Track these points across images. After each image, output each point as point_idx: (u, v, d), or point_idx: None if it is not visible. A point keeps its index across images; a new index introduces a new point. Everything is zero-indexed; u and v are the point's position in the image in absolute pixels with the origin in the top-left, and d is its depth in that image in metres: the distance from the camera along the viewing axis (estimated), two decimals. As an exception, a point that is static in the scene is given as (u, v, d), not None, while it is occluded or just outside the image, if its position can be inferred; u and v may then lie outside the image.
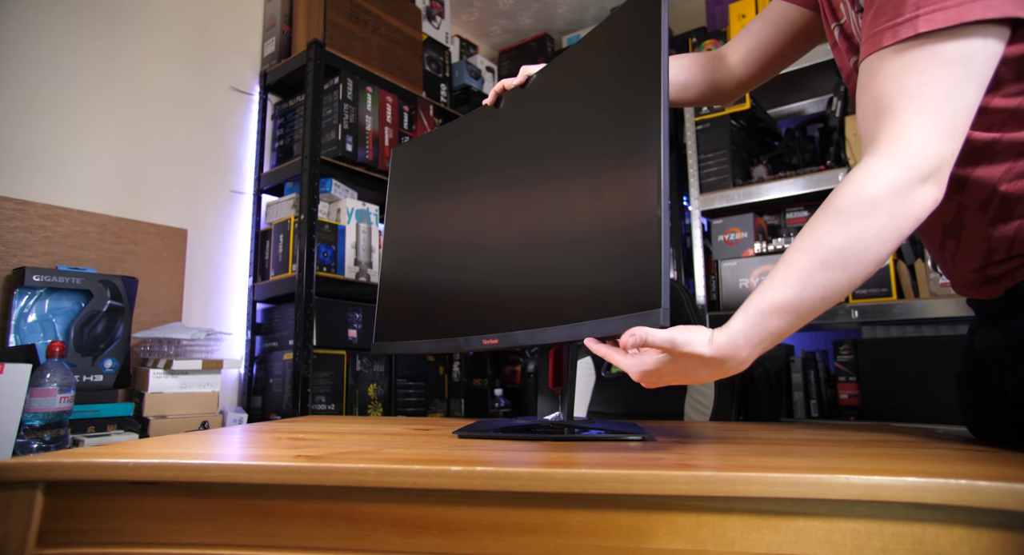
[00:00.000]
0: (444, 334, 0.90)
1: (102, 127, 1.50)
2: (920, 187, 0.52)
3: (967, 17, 0.51)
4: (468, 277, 0.89)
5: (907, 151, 0.53)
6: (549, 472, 0.44)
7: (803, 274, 0.54)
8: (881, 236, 0.53)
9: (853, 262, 0.53)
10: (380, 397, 1.75)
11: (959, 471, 0.42)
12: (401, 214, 1.07)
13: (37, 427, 1.04)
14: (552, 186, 0.78)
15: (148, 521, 0.48)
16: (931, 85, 0.53)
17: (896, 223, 0.53)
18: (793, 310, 0.54)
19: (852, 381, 1.67)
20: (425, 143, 1.07)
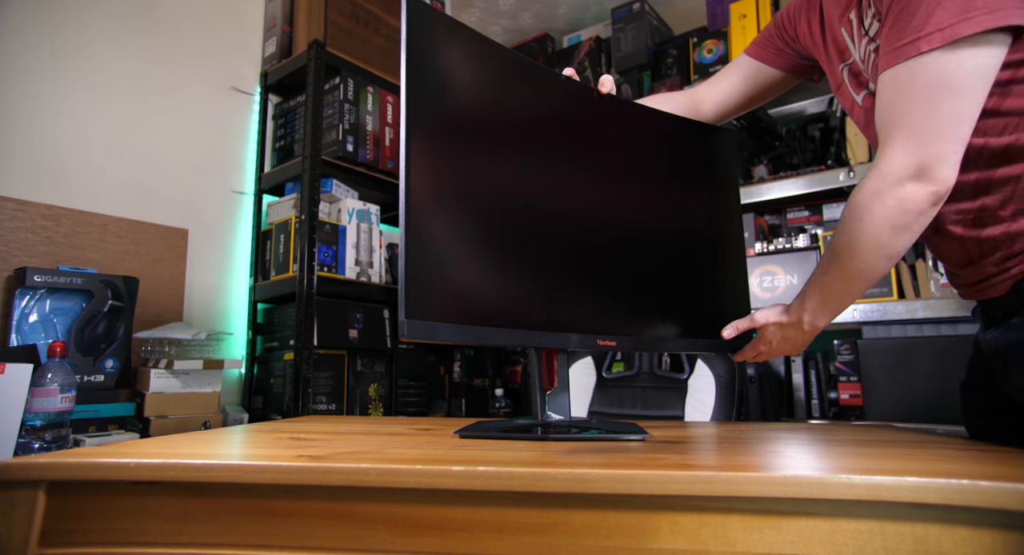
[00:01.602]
0: (531, 324, 0.72)
1: (103, 127, 1.50)
2: (904, 185, 0.63)
3: (959, 34, 0.58)
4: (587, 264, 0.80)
5: (887, 163, 0.64)
6: (551, 472, 0.44)
7: (825, 262, 0.75)
8: (870, 230, 0.66)
9: (851, 253, 0.70)
10: (381, 397, 1.75)
11: (961, 471, 0.42)
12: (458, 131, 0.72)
13: (38, 427, 1.04)
14: (677, 211, 0.93)
15: (150, 521, 0.48)
16: (917, 104, 0.61)
17: (880, 216, 0.65)
18: (825, 288, 0.76)
19: (853, 381, 1.67)
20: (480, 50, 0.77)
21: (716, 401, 1.24)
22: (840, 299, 0.76)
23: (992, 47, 0.59)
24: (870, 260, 0.69)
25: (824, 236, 1.65)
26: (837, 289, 0.74)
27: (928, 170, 0.62)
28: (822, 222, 1.75)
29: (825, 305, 0.77)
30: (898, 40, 0.63)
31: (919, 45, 0.60)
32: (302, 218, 1.58)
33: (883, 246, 0.67)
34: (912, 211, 0.64)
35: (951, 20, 0.58)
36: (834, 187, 1.64)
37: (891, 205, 0.64)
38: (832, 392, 1.72)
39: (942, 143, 0.61)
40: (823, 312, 0.77)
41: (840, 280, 0.73)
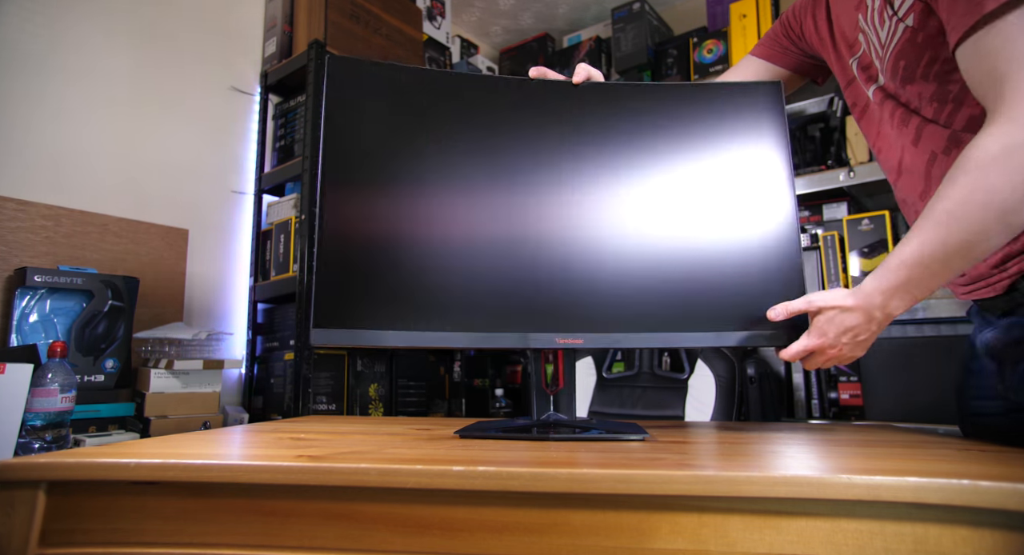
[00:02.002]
0: (487, 327, 0.75)
1: (103, 127, 1.50)
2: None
3: None
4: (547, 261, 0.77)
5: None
6: (551, 472, 0.44)
7: (921, 232, 0.61)
8: (996, 190, 0.56)
9: (965, 216, 0.58)
10: (381, 397, 1.75)
11: (961, 471, 0.42)
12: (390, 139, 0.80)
13: (39, 427, 1.04)
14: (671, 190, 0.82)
15: (150, 521, 0.48)
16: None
17: (1014, 177, 0.56)
18: (917, 262, 0.62)
19: (853, 381, 1.67)
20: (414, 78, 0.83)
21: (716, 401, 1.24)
22: (932, 278, 0.62)
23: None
24: (990, 228, 0.57)
25: (824, 236, 1.64)
26: (933, 265, 0.61)
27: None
28: (822, 222, 1.75)
29: (910, 285, 0.63)
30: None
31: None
32: (302, 218, 1.58)
33: (1008, 212, 0.57)
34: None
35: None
36: (834, 187, 1.64)
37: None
38: (832, 392, 1.72)
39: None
40: (904, 294, 0.64)
41: (941, 254, 0.60)
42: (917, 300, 0.65)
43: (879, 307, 0.65)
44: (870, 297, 0.65)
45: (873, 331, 0.67)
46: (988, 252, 0.60)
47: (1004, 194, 0.56)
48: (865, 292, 0.65)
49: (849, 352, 0.68)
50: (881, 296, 0.64)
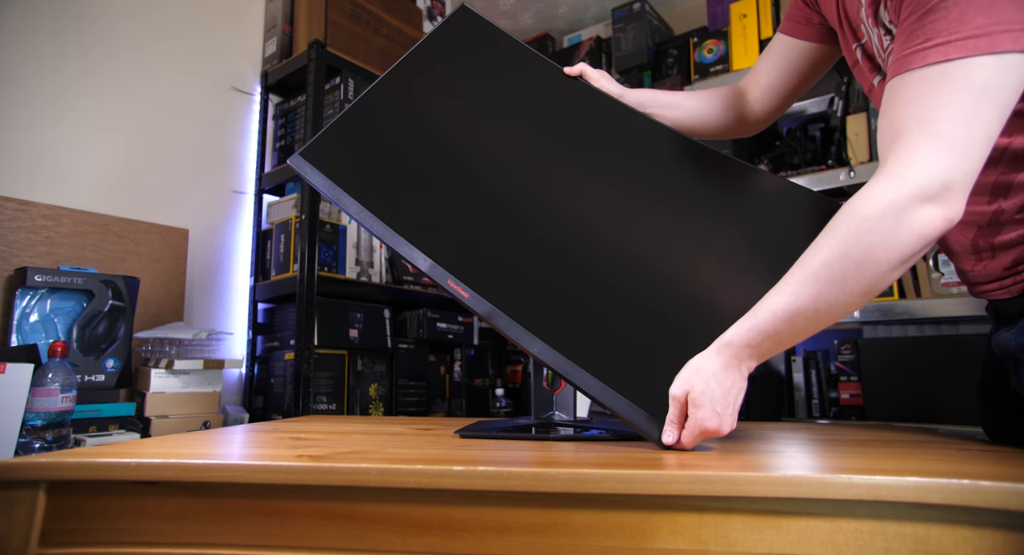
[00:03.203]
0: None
1: (104, 127, 1.50)
2: (922, 207, 0.53)
3: (996, 48, 0.52)
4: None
5: (911, 172, 0.54)
6: (551, 472, 0.44)
7: (795, 285, 0.57)
8: (873, 253, 0.54)
9: (842, 277, 0.55)
10: (381, 397, 1.75)
11: (962, 471, 0.42)
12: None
13: (39, 427, 1.04)
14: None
15: (150, 521, 0.48)
16: (946, 110, 0.53)
17: (891, 241, 0.54)
18: (786, 317, 0.57)
19: (854, 381, 1.67)
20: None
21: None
22: (794, 337, 0.58)
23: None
24: (854, 292, 0.55)
25: (825, 236, 1.64)
26: (800, 323, 0.57)
27: (951, 191, 0.53)
28: (823, 222, 1.75)
29: (777, 347, 0.59)
30: (928, 40, 0.55)
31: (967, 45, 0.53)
32: (303, 218, 1.58)
33: (876, 277, 0.55)
34: (925, 238, 0.54)
35: (992, 28, 0.52)
36: (834, 187, 1.64)
37: (906, 229, 0.53)
38: (832, 392, 1.72)
39: (974, 161, 0.53)
40: (766, 355, 0.60)
41: (812, 312, 0.56)
42: (768, 357, 0.61)
43: (746, 359, 0.60)
44: (737, 352, 0.59)
45: (742, 386, 0.60)
46: (846, 314, 0.57)
47: (878, 255, 0.54)
48: (732, 347, 0.60)
49: (731, 422, 0.60)
50: (749, 351, 0.59)
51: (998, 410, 0.77)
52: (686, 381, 0.60)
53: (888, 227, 0.54)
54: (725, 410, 0.59)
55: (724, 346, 0.60)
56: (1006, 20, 0.52)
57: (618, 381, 0.63)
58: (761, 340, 0.59)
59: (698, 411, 0.59)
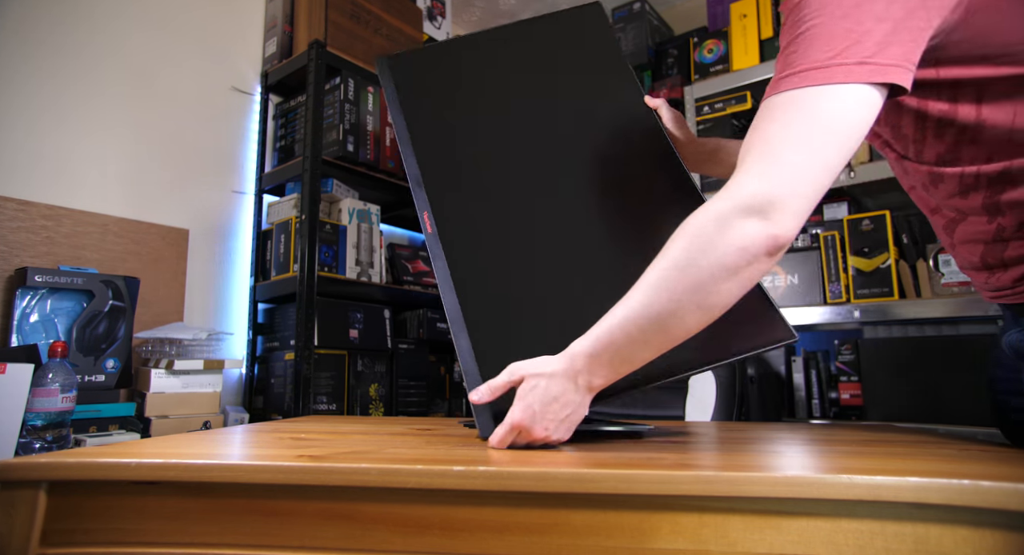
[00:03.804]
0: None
1: (104, 127, 1.50)
2: (745, 219, 0.54)
3: (831, 80, 0.54)
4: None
5: (739, 188, 0.55)
6: (551, 472, 0.44)
7: (633, 293, 0.58)
8: (696, 261, 0.55)
9: (671, 285, 0.56)
10: (381, 397, 1.75)
11: (962, 471, 0.42)
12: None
13: (39, 427, 1.04)
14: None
15: (150, 521, 0.48)
16: (784, 134, 0.55)
17: (712, 251, 0.55)
18: (620, 327, 0.58)
19: (854, 381, 1.67)
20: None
21: (717, 401, 1.24)
22: (632, 347, 0.58)
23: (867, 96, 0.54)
24: (684, 303, 0.55)
25: (825, 236, 1.65)
26: (634, 333, 0.57)
27: (776, 207, 0.53)
28: (822, 222, 1.75)
29: (612, 350, 0.58)
30: (780, 70, 0.58)
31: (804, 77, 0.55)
32: (303, 218, 1.58)
33: (702, 287, 0.55)
34: (748, 251, 0.54)
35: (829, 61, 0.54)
36: (834, 187, 1.64)
37: (727, 239, 0.54)
38: (833, 392, 1.72)
39: (807, 184, 0.54)
40: (607, 363, 0.59)
41: (644, 322, 0.56)
42: (619, 374, 0.60)
43: (581, 372, 0.59)
44: (574, 360, 0.59)
45: (578, 402, 0.60)
46: (687, 332, 0.57)
47: (701, 264, 0.55)
48: (571, 355, 0.60)
49: (555, 431, 0.59)
50: (585, 360, 0.59)
51: (1012, 407, 0.76)
52: (524, 368, 0.61)
53: (709, 237, 0.55)
54: (545, 415, 0.58)
55: (567, 354, 0.60)
56: (841, 54, 0.54)
57: (487, 357, 0.67)
58: (600, 350, 0.58)
59: (517, 405, 0.59)
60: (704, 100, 1.96)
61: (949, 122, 0.62)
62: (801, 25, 0.58)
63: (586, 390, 0.60)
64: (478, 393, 0.62)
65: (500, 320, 0.72)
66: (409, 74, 0.90)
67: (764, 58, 1.86)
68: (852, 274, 1.59)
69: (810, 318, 1.63)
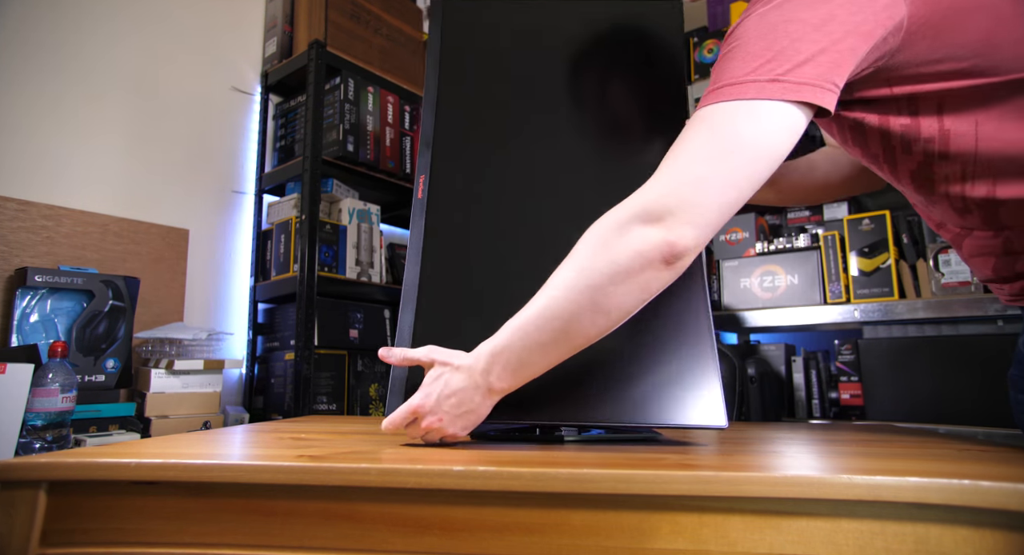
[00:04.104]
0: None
1: (104, 128, 1.50)
2: (642, 225, 0.55)
3: (742, 95, 0.54)
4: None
5: (641, 196, 0.56)
6: (551, 472, 0.44)
7: (537, 296, 0.58)
8: (593, 264, 0.55)
9: (570, 285, 0.56)
10: (381, 397, 1.75)
11: (962, 471, 0.42)
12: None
13: (39, 427, 1.04)
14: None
15: (150, 521, 0.48)
16: (691, 147, 0.56)
17: (608, 253, 0.55)
18: (520, 327, 0.58)
19: (854, 381, 1.67)
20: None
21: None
22: (531, 350, 0.57)
23: (786, 115, 0.54)
24: (582, 305, 0.55)
25: (825, 236, 1.65)
26: (533, 333, 0.57)
27: (674, 215, 0.54)
28: (823, 222, 1.75)
29: (511, 352, 0.57)
30: (712, 81, 0.59)
31: (721, 93, 0.56)
32: (303, 218, 1.58)
33: (596, 287, 0.55)
34: (642, 255, 0.54)
35: (743, 77, 0.55)
36: (835, 187, 1.63)
37: (622, 241, 0.55)
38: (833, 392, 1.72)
39: (707, 196, 0.54)
40: (506, 363, 0.58)
41: (543, 323, 0.56)
42: (521, 377, 0.58)
43: (482, 371, 0.58)
44: (477, 358, 0.59)
45: (477, 403, 0.59)
46: (584, 336, 0.57)
47: (599, 266, 0.55)
48: (476, 352, 0.60)
49: (449, 424, 0.59)
50: (486, 359, 0.58)
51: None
52: (438, 355, 0.61)
53: (605, 239, 0.56)
54: (441, 405, 0.59)
55: (476, 352, 0.60)
56: (755, 71, 0.55)
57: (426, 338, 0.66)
58: (499, 351, 0.58)
59: (420, 390, 0.60)
60: (704, 100, 1.96)
61: (914, 137, 0.62)
62: (727, 47, 0.59)
63: (487, 390, 0.59)
64: (390, 353, 0.64)
65: (452, 310, 0.69)
66: (462, 26, 0.82)
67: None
68: (852, 274, 1.59)
69: (810, 318, 1.63)
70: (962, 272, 1.44)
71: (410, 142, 1.92)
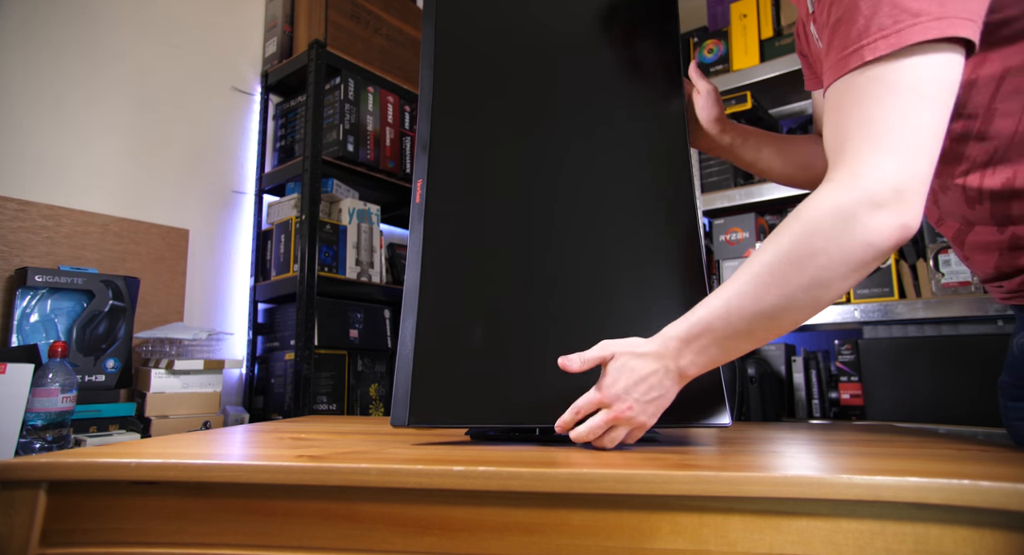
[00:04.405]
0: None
1: (104, 128, 1.50)
2: (873, 213, 0.51)
3: (906, 41, 0.51)
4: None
5: (859, 179, 0.52)
6: (551, 472, 0.44)
7: (736, 284, 0.55)
8: (817, 258, 0.52)
9: (782, 280, 0.53)
10: (381, 397, 1.75)
11: (962, 471, 0.42)
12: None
13: (39, 427, 1.04)
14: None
15: (150, 521, 0.48)
16: (881, 111, 0.52)
17: (837, 247, 0.52)
18: (722, 315, 0.55)
19: (854, 381, 1.67)
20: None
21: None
22: (733, 338, 0.56)
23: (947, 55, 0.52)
24: (799, 296, 0.53)
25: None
26: (738, 323, 0.55)
27: (904, 194, 0.51)
28: (823, 222, 1.75)
29: (709, 338, 0.56)
30: (845, 47, 0.55)
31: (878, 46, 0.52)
32: (303, 218, 1.58)
33: (823, 285, 0.52)
34: (877, 247, 0.51)
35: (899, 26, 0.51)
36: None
37: (857, 237, 0.51)
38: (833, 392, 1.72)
39: (923, 158, 0.51)
40: (702, 350, 0.57)
41: (750, 312, 0.54)
42: (715, 362, 0.57)
43: (673, 356, 0.57)
44: (666, 342, 0.57)
45: (667, 387, 0.57)
46: (795, 324, 0.55)
47: (821, 261, 0.52)
48: (663, 337, 0.58)
49: (640, 412, 0.57)
50: (677, 343, 0.57)
51: (1017, 410, 0.76)
52: (616, 346, 0.59)
53: (835, 233, 0.52)
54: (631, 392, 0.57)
55: (660, 336, 0.58)
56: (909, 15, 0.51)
57: (425, 354, 0.66)
58: (695, 337, 0.56)
59: (603, 380, 0.58)
60: (704, 100, 1.96)
61: (961, 104, 0.59)
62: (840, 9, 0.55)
63: (676, 375, 0.58)
64: (569, 360, 0.60)
65: (454, 316, 0.68)
66: (457, 22, 0.79)
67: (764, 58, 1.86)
68: (852, 274, 1.59)
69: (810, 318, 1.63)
70: (962, 272, 1.44)
71: (410, 142, 1.92)
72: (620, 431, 0.58)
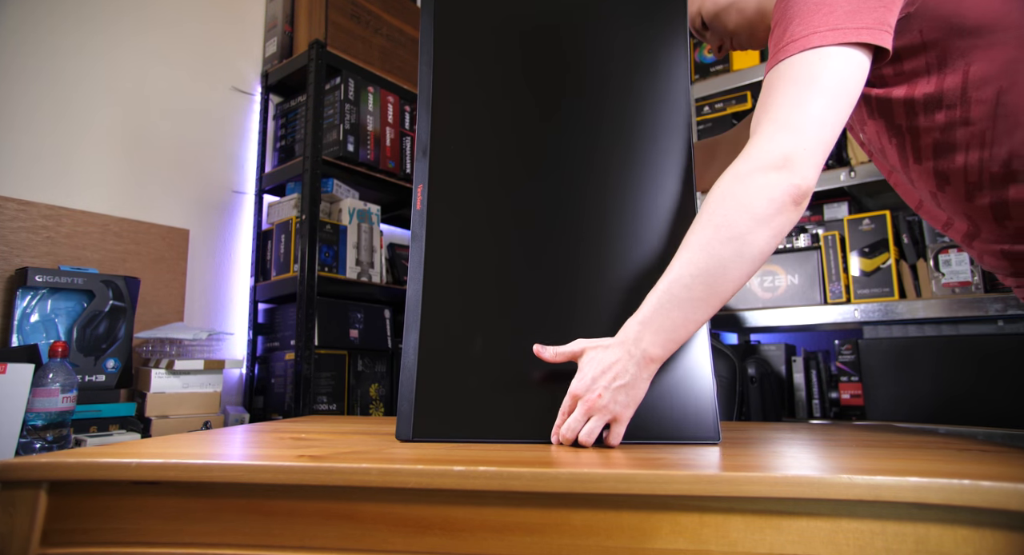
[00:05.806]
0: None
1: (104, 128, 1.50)
2: (766, 173, 0.59)
3: (808, 45, 0.61)
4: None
5: (758, 150, 0.61)
6: (552, 472, 0.44)
7: (675, 260, 0.62)
8: (729, 216, 0.60)
9: (707, 241, 0.60)
10: (382, 397, 1.75)
11: (962, 471, 0.42)
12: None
13: (40, 427, 1.04)
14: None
15: (151, 521, 0.48)
16: (782, 99, 0.62)
17: (741, 203, 0.59)
18: (665, 289, 0.61)
19: (854, 381, 1.67)
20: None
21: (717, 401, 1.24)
22: (679, 308, 0.60)
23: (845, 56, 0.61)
24: (724, 256, 0.59)
25: (825, 236, 1.65)
26: (679, 292, 0.59)
27: (792, 161, 0.59)
28: (823, 222, 1.75)
29: (659, 314, 0.60)
30: (774, 46, 0.65)
31: (789, 49, 0.63)
32: (303, 218, 1.58)
33: (737, 237, 0.59)
34: (775, 200, 0.59)
35: (811, 29, 0.62)
36: (835, 187, 1.64)
37: (752, 191, 0.59)
38: (833, 392, 1.72)
39: (808, 136, 0.60)
40: (658, 327, 0.60)
41: (687, 280, 0.59)
42: (673, 341, 0.60)
43: (634, 340, 0.60)
44: (626, 330, 0.61)
45: (633, 373, 0.60)
46: (732, 284, 0.60)
47: (731, 215, 0.59)
48: (624, 326, 0.62)
49: (610, 401, 0.59)
50: (637, 327, 0.60)
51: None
52: (586, 342, 0.63)
53: (735, 188, 0.60)
54: (598, 381, 0.60)
55: (624, 327, 0.62)
56: (814, 26, 0.62)
57: (428, 368, 0.66)
58: (650, 316, 0.60)
59: (575, 376, 0.62)
60: (704, 100, 1.96)
61: (937, 98, 0.66)
62: (783, 4, 0.66)
63: (641, 359, 0.60)
64: (543, 348, 0.64)
65: (456, 327, 0.68)
66: (456, 19, 0.77)
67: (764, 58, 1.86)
68: (852, 274, 1.59)
69: (810, 318, 1.63)
70: (962, 272, 1.44)
71: (410, 142, 1.92)
72: (595, 422, 0.60)
